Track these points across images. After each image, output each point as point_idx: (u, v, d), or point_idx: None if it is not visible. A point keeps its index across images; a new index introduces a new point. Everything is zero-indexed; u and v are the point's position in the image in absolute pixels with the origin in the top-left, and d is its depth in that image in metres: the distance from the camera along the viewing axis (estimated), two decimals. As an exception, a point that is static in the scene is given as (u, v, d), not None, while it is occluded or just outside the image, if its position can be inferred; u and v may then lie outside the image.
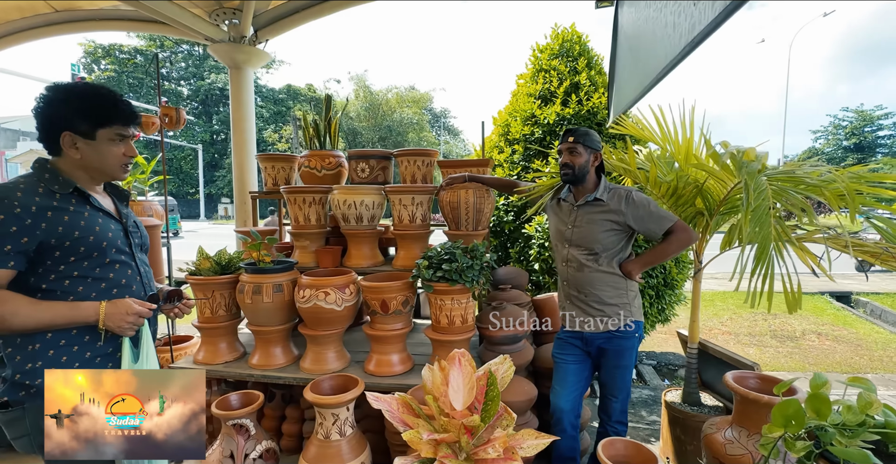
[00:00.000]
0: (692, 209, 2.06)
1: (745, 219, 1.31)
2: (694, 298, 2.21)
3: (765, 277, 1.29)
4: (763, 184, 1.35)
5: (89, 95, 1.20)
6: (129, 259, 1.33)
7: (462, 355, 1.26)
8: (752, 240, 1.32)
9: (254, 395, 2.06)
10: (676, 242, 1.71)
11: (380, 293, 2.09)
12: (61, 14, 3.46)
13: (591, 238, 1.79)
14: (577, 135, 1.78)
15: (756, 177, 1.34)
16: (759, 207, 1.31)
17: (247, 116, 3.32)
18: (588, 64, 3.20)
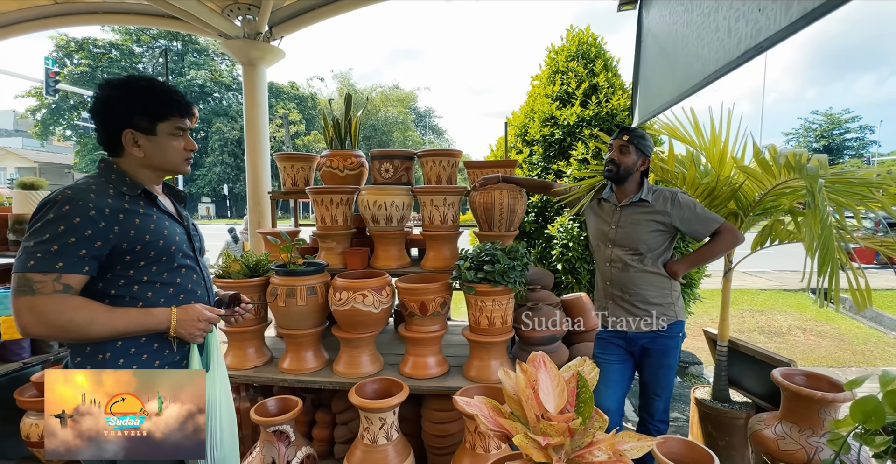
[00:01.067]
0: (725, 210, 2.11)
1: (815, 220, 1.34)
2: (724, 297, 2.26)
3: (831, 277, 1.33)
4: (822, 186, 1.39)
5: (146, 90, 1.14)
6: (193, 263, 1.28)
7: (544, 357, 1.25)
8: (816, 241, 1.36)
9: (292, 400, 2.02)
10: (723, 243, 1.74)
11: (419, 295, 2.07)
12: (61, 5, 3.30)
13: (636, 238, 1.81)
14: (633, 135, 1.79)
15: (817, 179, 1.38)
16: (822, 208, 1.35)
17: (260, 114, 3.24)
18: (605, 66, 3.24)
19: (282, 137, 27.03)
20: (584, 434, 1.11)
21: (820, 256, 1.43)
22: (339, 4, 3.10)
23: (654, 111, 2.31)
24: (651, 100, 2.43)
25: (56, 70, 16.37)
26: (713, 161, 2.10)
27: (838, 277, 1.41)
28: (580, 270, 2.89)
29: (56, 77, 15.92)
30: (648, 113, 2.44)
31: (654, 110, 2.36)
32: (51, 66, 15.65)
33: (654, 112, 2.31)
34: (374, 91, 34.28)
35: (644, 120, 2.50)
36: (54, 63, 16.34)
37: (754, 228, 2.22)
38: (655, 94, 2.35)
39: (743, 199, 2.07)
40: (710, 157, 2.11)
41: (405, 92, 35.95)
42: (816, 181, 1.41)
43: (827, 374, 1.66)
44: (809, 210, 1.38)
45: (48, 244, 1.01)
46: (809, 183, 1.42)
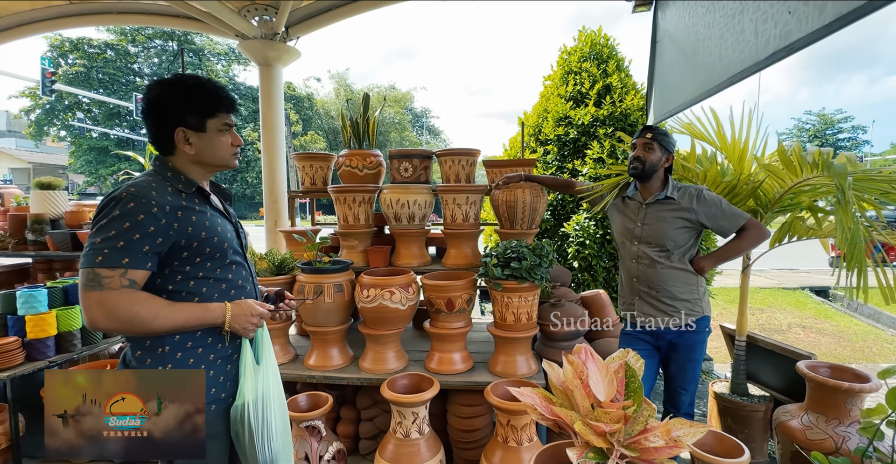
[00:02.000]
0: (745, 208, 2.15)
1: (847, 216, 1.38)
2: (742, 293, 2.31)
3: (860, 272, 1.37)
4: (850, 183, 1.43)
5: (196, 88, 1.16)
6: (242, 260, 1.30)
7: (588, 348, 1.29)
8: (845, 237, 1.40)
9: (321, 397, 2.04)
10: (749, 238, 1.78)
11: (446, 292, 2.10)
12: (76, 6, 3.30)
13: (663, 235, 1.85)
14: (657, 132, 1.83)
15: (846, 176, 1.42)
16: (849, 205, 1.39)
17: (276, 114, 3.25)
18: (618, 66, 3.28)
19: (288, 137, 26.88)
20: (637, 422, 1.14)
21: (848, 252, 1.47)
22: (357, 5, 3.12)
23: (673, 110, 2.35)
24: (668, 99, 2.47)
25: (52, 70, 16.25)
26: (734, 160, 2.15)
27: (866, 272, 1.46)
28: (596, 268, 2.93)
29: (52, 77, 15.81)
30: (666, 112, 2.48)
31: (672, 110, 2.40)
32: (47, 67, 15.54)
33: (673, 111, 2.35)
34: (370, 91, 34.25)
35: (661, 119, 2.55)
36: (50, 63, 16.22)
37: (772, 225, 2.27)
38: (673, 94, 2.39)
39: (762, 196, 2.12)
40: (730, 155, 2.16)
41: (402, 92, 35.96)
42: (846, 178, 1.45)
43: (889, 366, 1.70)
44: (840, 206, 1.43)
45: (115, 240, 1.03)
46: (838, 180, 1.46)
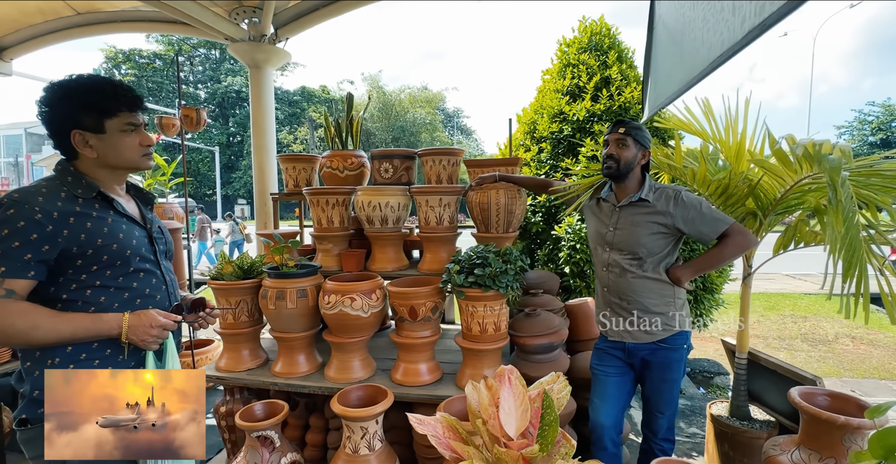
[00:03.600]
0: (743, 209, 1.92)
1: (837, 219, 1.17)
2: (743, 305, 2.07)
3: (858, 282, 1.15)
4: (846, 178, 1.21)
5: (87, 88, 1.12)
6: (153, 267, 1.25)
7: (511, 372, 1.15)
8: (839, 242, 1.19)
9: (278, 405, 1.98)
10: (732, 246, 1.57)
11: (408, 299, 1.99)
12: (83, 16, 3.46)
13: (635, 241, 1.66)
14: (629, 127, 1.66)
15: (840, 171, 1.20)
16: (847, 205, 1.18)
17: (266, 115, 3.26)
18: (619, 57, 3.06)
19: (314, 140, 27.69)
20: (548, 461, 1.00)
21: (845, 259, 1.25)
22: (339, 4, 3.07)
23: (663, 103, 2.14)
24: (661, 90, 2.25)
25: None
26: (729, 155, 1.92)
27: (867, 282, 1.23)
28: (589, 274, 2.74)
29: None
30: (658, 104, 2.27)
31: (662, 102, 2.19)
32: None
33: (663, 103, 2.14)
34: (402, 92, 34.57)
35: (654, 112, 2.33)
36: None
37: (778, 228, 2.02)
38: (665, 84, 2.18)
39: (763, 197, 1.88)
40: (725, 150, 1.93)
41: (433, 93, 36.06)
42: (839, 174, 1.23)
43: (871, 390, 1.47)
44: (831, 206, 1.21)
45: None
46: (830, 175, 1.25)
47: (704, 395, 3.24)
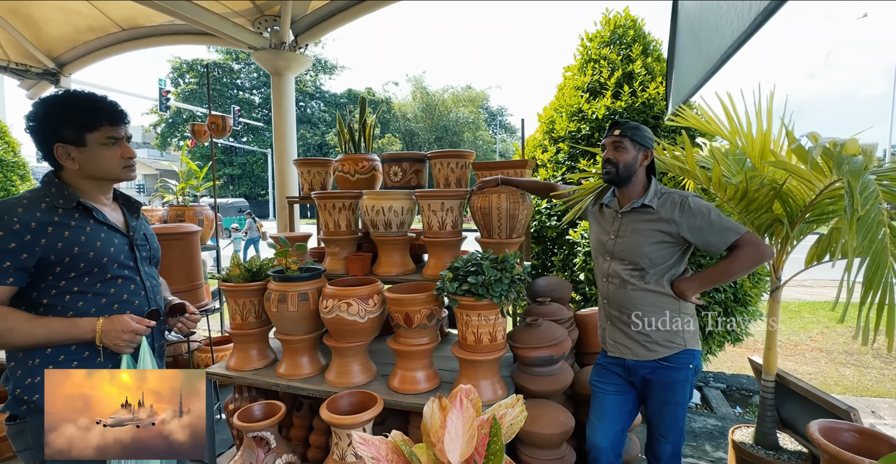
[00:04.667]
0: (768, 216, 1.72)
1: (851, 230, 1.01)
2: (770, 323, 1.86)
3: (880, 307, 0.99)
4: (870, 184, 1.04)
5: (69, 102, 1.17)
6: (133, 274, 1.30)
7: (466, 393, 1.09)
8: (860, 255, 1.03)
9: (276, 406, 2.02)
10: (743, 259, 1.41)
11: (403, 306, 1.96)
12: (127, 32, 3.73)
13: (637, 251, 1.53)
14: (625, 128, 1.53)
15: (861, 175, 1.03)
16: (868, 213, 1.01)
17: (287, 121, 3.36)
18: (644, 50, 2.86)
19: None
20: (490, 493, 0.93)
21: (866, 277, 1.08)
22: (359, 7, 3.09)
23: (683, 97, 1.97)
24: (682, 85, 2.07)
25: (168, 89, 18.73)
26: (753, 155, 1.73)
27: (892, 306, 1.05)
28: (606, 281, 2.58)
29: (167, 95, 18.23)
30: (679, 100, 2.09)
31: (682, 97, 2.01)
32: (163, 86, 17.95)
33: (683, 98, 1.97)
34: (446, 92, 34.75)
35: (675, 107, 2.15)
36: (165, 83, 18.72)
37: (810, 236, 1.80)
38: (686, 78, 2.00)
39: (791, 202, 1.67)
40: (749, 150, 1.74)
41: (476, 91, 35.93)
42: (858, 179, 1.06)
43: None
44: (844, 217, 1.05)
45: None
46: (849, 181, 1.08)
47: (740, 415, 2.97)
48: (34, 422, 1.14)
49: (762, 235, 1.81)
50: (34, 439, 1.15)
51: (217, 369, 2.35)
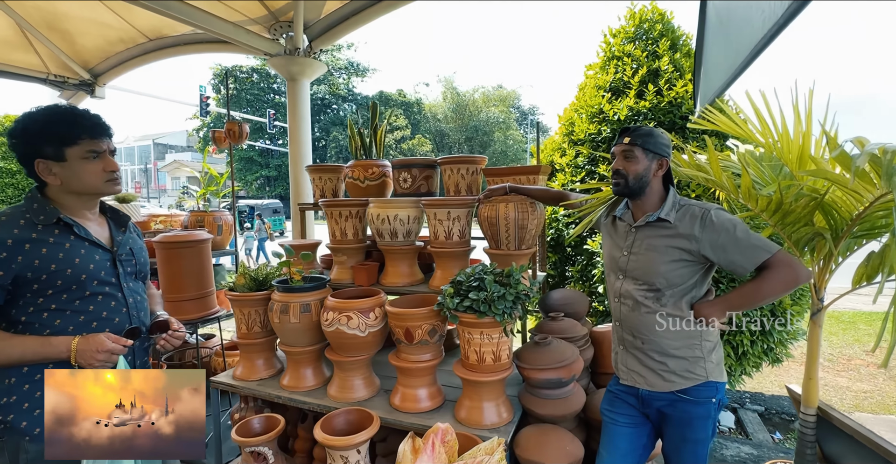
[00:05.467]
0: (808, 230, 1.52)
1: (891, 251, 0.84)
2: (811, 347, 1.65)
3: None
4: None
5: (48, 118, 1.15)
6: (114, 290, 1.27)
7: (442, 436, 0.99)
8: None
9: (275, 419, 1.98)
10: (775, 281, 1.23)
11: (403, 321, 1.88)
12: (154, 42, 3.86)
13: (652, 270, 1.38)
14: (635, 135, 1.39)
15: None
16: None
17: (302, 126, 3.36)
18: (672, 45, 2.66)
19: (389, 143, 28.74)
20: None
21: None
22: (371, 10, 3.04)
23: (710, 96, 1.79)
24: (711, 82, 1.89)
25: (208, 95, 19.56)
26: (790, 161, 1.53)
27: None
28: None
29: (207, 101, 19.04)
30: (707, 98, 1.91)
31: (712, 95, 1.83)
32: (203, 92, 18.77)
33: (710, 97, 1.79)
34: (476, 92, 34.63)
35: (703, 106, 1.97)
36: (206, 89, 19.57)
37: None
38: (714, 74, 1.82)
39: (835, 214, 1.47)
40: (785, 155, 1.54)
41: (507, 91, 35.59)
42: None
43: None
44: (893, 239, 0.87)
45: None
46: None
47: (779, 442, 2.70)
48: (10, 442, 1.13)
49: (801, 250, 1.61)
50: (11, 458, 1.13)
51: (224, 377, 2.35)
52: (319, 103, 32.31)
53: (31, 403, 1.14)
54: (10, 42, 3.77)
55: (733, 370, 2.37)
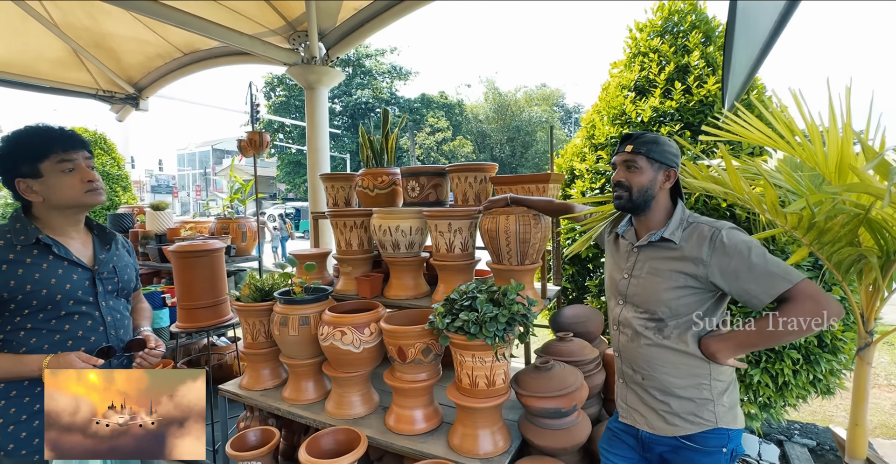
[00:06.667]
0: (850, 251, 1.29)
1: None
2: (857, 387, 1.41)
3: None
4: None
5: (19, 138, 1.18)
6: (91, 309, 1.28)
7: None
8: None
9: (271, 433, 1.97)
10: (797, 314, 1.04)
11: (396, 338, 1.80)
12: (189, 56, 4.05)
13: (653, 297, 1.22)
14: (638, 142, 1.23)
15: None
16: None
17: (320, 135, 3.38)
18: (706, 38, 2.40)
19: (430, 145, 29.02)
20: None
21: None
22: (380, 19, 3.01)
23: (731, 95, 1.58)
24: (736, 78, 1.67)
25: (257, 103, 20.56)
26: (828, 172, 1.31)
27: None
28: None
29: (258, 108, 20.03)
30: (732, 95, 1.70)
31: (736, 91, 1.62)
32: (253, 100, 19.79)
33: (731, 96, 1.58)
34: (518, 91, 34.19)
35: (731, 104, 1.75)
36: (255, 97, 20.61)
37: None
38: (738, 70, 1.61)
39: (886, 233, 1.24)
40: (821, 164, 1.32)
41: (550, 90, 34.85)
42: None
43: None
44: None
45: None
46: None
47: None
48: (-12, 457, 1.16)
49: (845, 274, 1.37)
50: None
51: (230, 386, 2.38)
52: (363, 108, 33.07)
53: (6, 419, 1.17)
54: (65, 63, 4.09)
55: (773, 402, 2.10)
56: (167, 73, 4.32)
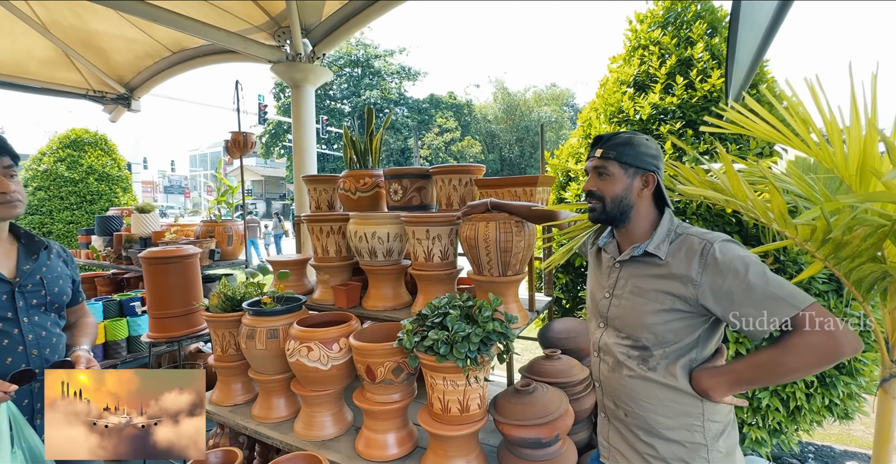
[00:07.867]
0: (873, 267, 1.10)
1: None
2: (880, 423, 1.22)
3: None
4: None
5: None
6: (8, 326, 1.16)
7: None
8: None
9: (233, 454, 1.84)
10: (804, 351, 0.86)
11: (364, 356, 1.65)
12: (177, 55, 3.97)
13: (636, 321, 1.05)
14: (609, 145, 1.07)
15: None
16: None
17: (306, 135, 3.25)
18: (711, 28, 2.21)
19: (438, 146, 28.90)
20: None
21: None
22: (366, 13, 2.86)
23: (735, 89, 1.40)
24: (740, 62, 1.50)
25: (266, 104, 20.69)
26: (847, 174, 1.13)
27: None
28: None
29: (265, 109, 20.14)
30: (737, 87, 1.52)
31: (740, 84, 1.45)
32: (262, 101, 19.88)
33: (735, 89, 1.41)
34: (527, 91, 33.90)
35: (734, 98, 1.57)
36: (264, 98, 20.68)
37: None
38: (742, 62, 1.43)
39: (917, 247, 1.05)
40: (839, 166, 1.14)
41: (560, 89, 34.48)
42: None
43: None
44: None
45: None
46: None
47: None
48: None
49: (866, 295, 1.18)
50: None
51: (200, 400, 2.25)
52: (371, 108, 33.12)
53: None
54: (54, 62, 4.03)
55: (784, 428, 1.91)
56: (157, 72, 4.24)
